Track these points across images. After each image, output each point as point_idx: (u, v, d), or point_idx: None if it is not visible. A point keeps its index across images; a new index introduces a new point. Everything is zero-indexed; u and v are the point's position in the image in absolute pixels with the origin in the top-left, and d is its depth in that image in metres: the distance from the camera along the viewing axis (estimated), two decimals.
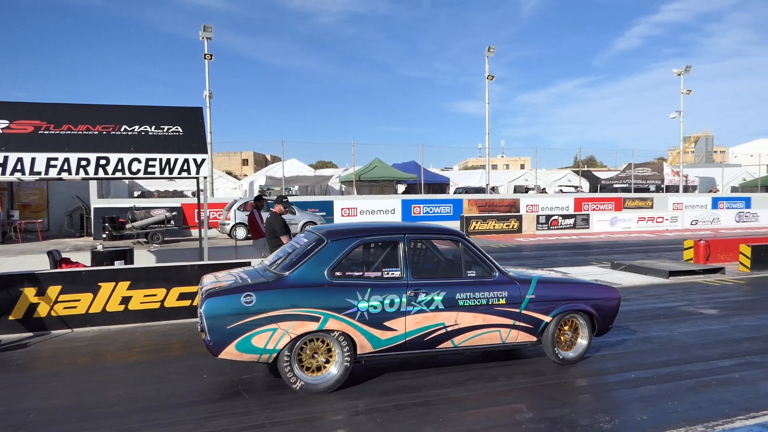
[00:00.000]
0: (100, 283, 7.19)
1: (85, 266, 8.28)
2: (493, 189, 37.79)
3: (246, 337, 4.69)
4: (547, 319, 5.54)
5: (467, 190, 37.22)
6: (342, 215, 24.53)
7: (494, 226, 22.17)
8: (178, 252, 11.26)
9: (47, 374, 5.48)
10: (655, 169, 40.32)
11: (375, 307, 4.97)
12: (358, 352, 4.98)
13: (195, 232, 21.98)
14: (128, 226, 19.37)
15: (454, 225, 23.65)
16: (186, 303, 7.51)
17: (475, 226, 21.82)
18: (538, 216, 23.59)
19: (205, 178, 8.43)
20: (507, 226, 22.46)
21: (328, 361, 4.94)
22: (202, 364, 5.67)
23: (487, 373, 5.43)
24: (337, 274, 5.00)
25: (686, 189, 37.53)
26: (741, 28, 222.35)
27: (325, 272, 4.97)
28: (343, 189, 32.07)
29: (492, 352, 5.88)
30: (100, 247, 9.14)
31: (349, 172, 29.90)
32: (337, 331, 4.88)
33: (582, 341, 5.79)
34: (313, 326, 4.81)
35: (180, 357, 6.01)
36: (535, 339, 5.57)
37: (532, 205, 27.63)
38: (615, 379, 5.33)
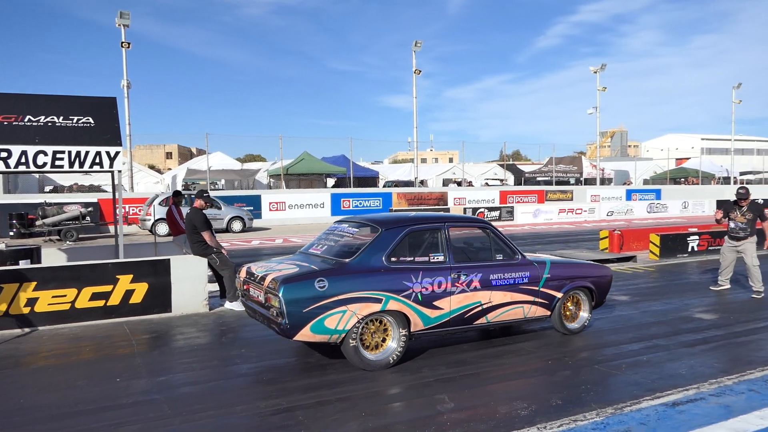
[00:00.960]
0: (2, 285, 6.68)
1: None
2: (422, 182, 38.28)
3: (320, 319, 5.04)
4: (559, 295, 6.32)
5: (396, 184, 37.51)
6: (270, 210, 24.11)
7: None
8: (92, 250, 10.65)
9: None
10: (574, 163, 42.16)
11: (426, 289, 5.49)
12: (411, 330, 5.46)
13: (113, 229, 20.95)
14: (38, 222, 18.19)
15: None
16: (99, 303, 7.12)
17: None
18: (465, 209, 24.09)
19: (120, 171, 8.01)
20: None
21: (384, 340, 5.40)
22: (115, 367, 5.40)
23: (412, 365, 5.46)
24: (393, 259, 5.48)
25: (603, 182, 39.47)
26: (651, 29, 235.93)
27: (383, 258, 5.42)
28: (271, 183, 31.53)
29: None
30: (2, 246, 8.49)
31: (277, 165, 29.41)
32: (396, 311, 5.34)
33: (584, 314, 6.62)
34: (376, 307, 5.24)
35: (91, 360, 5.69)
36: (549, 313, 6.34)
37: (459, 198, 28.20)
38: (526, 361, 5.50)
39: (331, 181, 34.61)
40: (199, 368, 5.43)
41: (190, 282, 7.66)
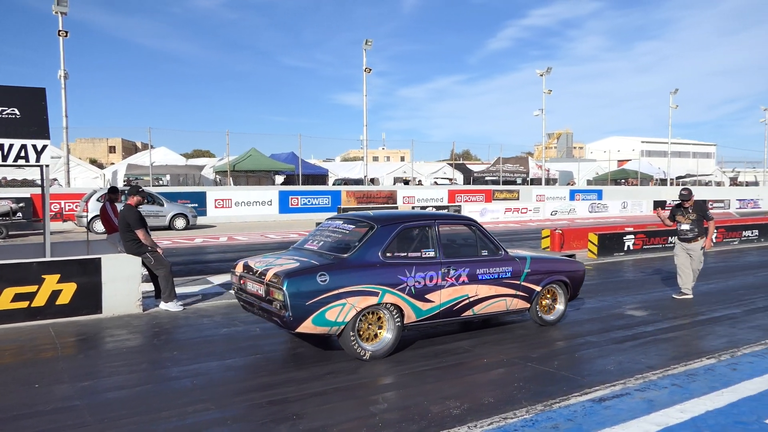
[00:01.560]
0: None
1: None
2: (373, 180, 38.30)
3: (321, 311, 5.23)
4: (538, 288, 6.71)
5: (347, 182, 37.39)
6: (216, 207, 23.59)
7: None
8: (19, 248, 10.14)
9: None
10: (521, 163, 43.08)
11: (419, 283, 5.75)
12: (405, 322, 5.71)
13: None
14: None
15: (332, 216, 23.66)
16: (23, 304, 6.75)
17: None
18: (413, 207, 24.22)
19: (47, 166, 7.62)
20: None
21: (379, 331, 5.64)
22: (35, 372, 5.12)
23: (348, 365, 5.41)
24: (388, 255, 5.70)
25: (548, 182, 40.48)
26: (598, 35, 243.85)
27: (379, 253, 5.65)
28: (218, 179, 30.86)
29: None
30: None
31: (224, 162, 28.79)
32: (392, 303, 5.58)
33: (560, 306, 7.02)
34: (374, 300, 5.47)
35: (10, 365, 5.38)
36: (529, 305, 6.72)
37: (408, 197, 28.34)
38: (462, 360, 5.55)
39: (279, 179, 34.17)
40: (127, 372, 5.22)
41: (123, 282, 7.37)
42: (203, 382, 4.95)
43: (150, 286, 8.01)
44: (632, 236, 13.93)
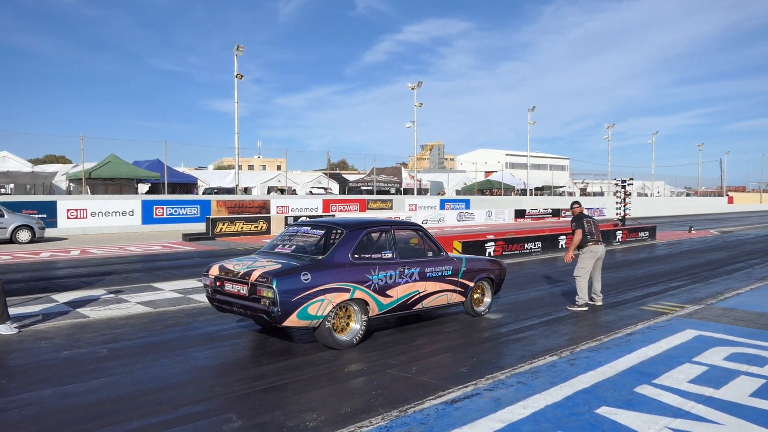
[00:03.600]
0: None
1: None
2: (246, 190, 37.29)
3: (305, 307, 5.86)
4: (471, 284, 7.74)
5: (218, 191, 36.07)
6: (68, 218, 21.61)
7: (242, 227, 21.79)
8: None
9: None
10: (395, 173, 44.23)
11: (381, 280, 6.53)
12: (369, 315, 6.45)
13: None
14: None
15: (201, 227, 22.65)
16: None
17: (222, 228, 21.15)
18: (286, 217, 23.90)
19: None
20: (256, 227, 22.26)
21: (348, 324, 6.34)
22: None
23: (187, 391, 5.15)
24: (356, 256, 6.43)
25: (420, 192, 41.91)
26: (466, 53, 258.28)
27: (349, 255, 6.37)
28: (72, 188, 28.35)
29: None
30: None
31: (79, 168, 26.49)
32: (360, 299, 6.32)
33: (487, 299, 8.13)
34: (346, 296, 6.19)
35: None
36: (464, 299, 7.72)
37: (282, 207, 27.93)
38: (324, 371, 5.53)
39: (144, 187, 32.13)
40: None
41: None
42: (33, 413, 4.46)
43: None
44: (493, 243, 14.79)
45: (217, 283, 6.45)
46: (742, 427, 4.19)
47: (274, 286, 5.68)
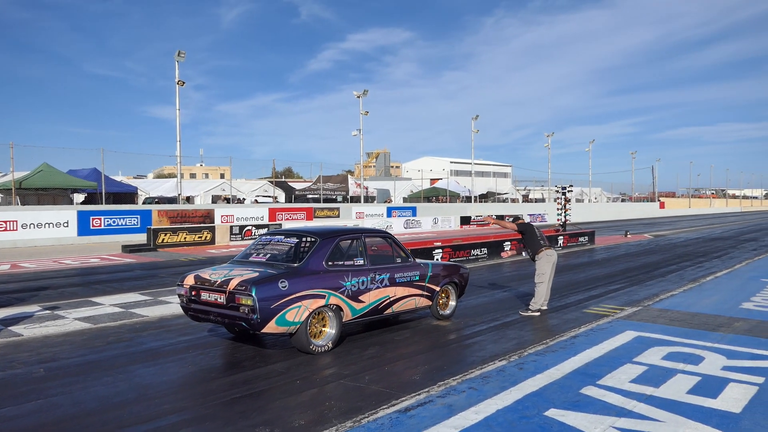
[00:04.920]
0: None
1: None
2: (188, 199, 36.38)
3: (283, 313, 6.02)
4: (437, 288, 8.05)
5: (160, 200, 35.04)
6: None
7: (185, 238, 21.20)
8: None
9: None
10: (342, 181, 44.17)
11: (354, 286, 6.76)
12: (343, 320, 6.66)
13: None
14: None
15: (141, 238, 21.91)
16: None
17: (164, 239, 20.51)
18: (231, 227, 23.44)
19: None
20: (199, 237, 21.71)
21: (323, 329, 6.50)
22: None
23: (136, 408, 4.97)
24: (330, 263, 6.65)
25: (367, 199, 42.02)
26: (410, 62, 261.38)
27: (323, 262, 6.57)
28: (1, 199, 26.88)
29: None
30: None
31: (8, 178, 25.14)
32: (335, 304, 6.53)
33: (452, 303, 8.44)
34: (322, 302, 6.38)
35: None
36: (431, 303, 8.02)
37: (227, 216, 27.37)
38: (275, 384, 5.45)
39: (79, 197, 30.82)
40: None
41: None
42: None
43: None
44: (440, 250, 14.98)
45: (193, 293, 6.52)
46: (680, 423, 4.40)
47: (253, 294, 5.83)
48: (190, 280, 6.62)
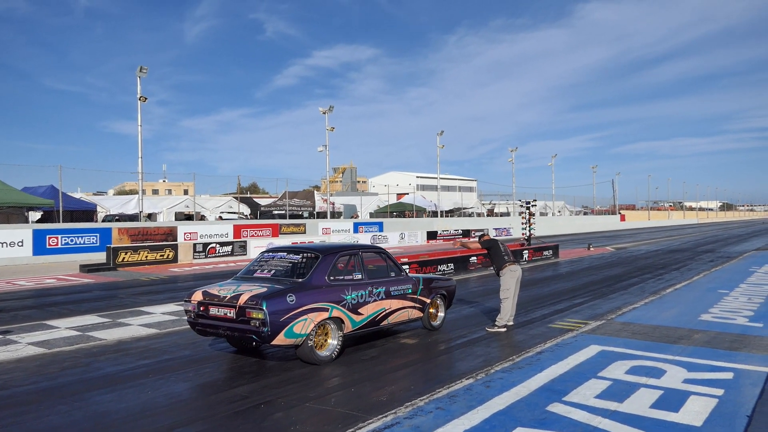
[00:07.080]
0: None
1: None
2: (150, 216, 35.60)
3: (291, 326, 6.33)
4: (428, 301, 8.50)
5: (120, 218, 34.20)
6: None
7: (147, 256, 20.67)
8: None
9: None
10: (308, 197, 43.88)
11: (354, 299, 7.15)
12: (344, 332, 7.00)
13: None
14: None
15: (101, 256, 21.29)
16: None
17: (124, 258, 19.96)
18: (195, 244, 22.98)
19: None
20: (162, 256, 21.21)
21: (325, 341, 6.83)
22: None
23: None
24: (331, 278, 7.04)
25: (333, 215, 41.87)
26: (375, 78, 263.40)
27: (325, 277, 6.96)
28: None
29: None
30: None
31: None
32: (337, 317, 6.86)
33: (441, 314, 8.87)
34: (325, 315, 6.72)
35: None
36: (422, 315, 8.45)
37: (190, 233, 26.84)
38: (240, 408, 5.31)
39: (35, 215, 29.81)
40: None
41: None
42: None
43: None
44: (407, 266, 14.95)
45: (201, 308, 6.73)
46: None
47: (264, 308, 6.14)
48: (198, 296, 6.82)
